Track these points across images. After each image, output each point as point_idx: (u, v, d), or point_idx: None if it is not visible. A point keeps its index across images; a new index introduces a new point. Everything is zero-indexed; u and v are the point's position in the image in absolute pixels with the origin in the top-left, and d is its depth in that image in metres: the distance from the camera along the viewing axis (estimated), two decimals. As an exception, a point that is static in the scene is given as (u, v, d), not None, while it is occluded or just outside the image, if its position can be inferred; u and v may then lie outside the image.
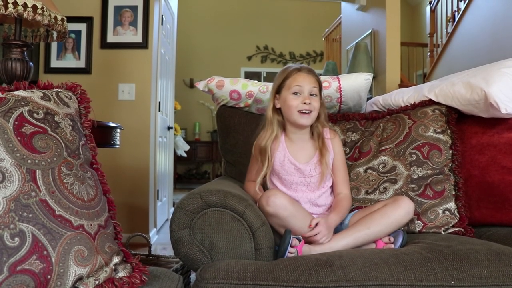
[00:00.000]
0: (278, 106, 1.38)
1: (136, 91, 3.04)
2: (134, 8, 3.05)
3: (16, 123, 0.92)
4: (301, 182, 1.34)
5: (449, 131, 1.46)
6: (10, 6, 1.51)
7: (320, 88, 1.38)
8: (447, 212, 1.35)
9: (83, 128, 1.08)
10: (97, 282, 0.82)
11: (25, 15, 1.54)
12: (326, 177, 1.35)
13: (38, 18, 1.57)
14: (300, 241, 1.14)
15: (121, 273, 0.88)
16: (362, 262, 0.96)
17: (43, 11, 1.59)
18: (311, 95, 1.33)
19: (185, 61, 6.88)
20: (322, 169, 1.33)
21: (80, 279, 0.80)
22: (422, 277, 0.93)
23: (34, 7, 1.56)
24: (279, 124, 1.39)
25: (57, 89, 1.09)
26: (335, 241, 1.16)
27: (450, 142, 1.44)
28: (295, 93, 1.33)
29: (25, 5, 1.54)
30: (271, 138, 1.36)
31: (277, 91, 1.38)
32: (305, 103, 1.30)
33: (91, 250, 0.84)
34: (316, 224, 1.17)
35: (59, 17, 1.68)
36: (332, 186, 1.39)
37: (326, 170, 1.34)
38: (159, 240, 3.21)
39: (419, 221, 1.34)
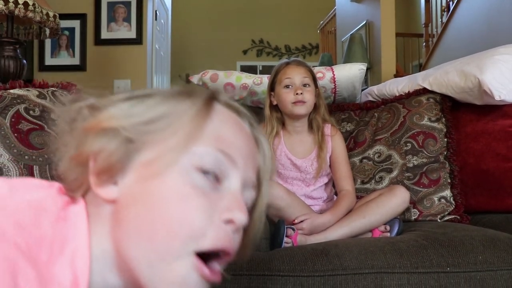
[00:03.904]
0: (274, 103, 1.38)
1: (131, 87, 3.03)
2: (127, 4, 3.04)
3: (12, 120, 0.93)
4: (297, 177, 1.35)
5: (443, 119, 1.46)
6: (1, 3, 1.51)
7: (314, 78, 1.38)
8: (442, 200, 1.36)
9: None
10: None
11: (16, 12, 1.53)
12: (322, 173, 1.35)
13: (30, 15, 1.56)
14: (294, 231, 1.14)
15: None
16: (358, 251, 0.96)
17: (35, 7, 1.58)
18: (304, 86, 1.33)
19: (180, 57, 6.86)
20: (319, 165, 1.33)
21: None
22: (418, 264, 0.93)
23: (25, 4, 1.56)
24: (278, 121, 1.38)
25: (53, 88, 1.10)
26: (330, 231, 1.17)
27: (445, 130, 1.44)
28: (287, 86, 1.33)
29: (16, 2, 1.53)
30: (272, 136, 1.36)
31: (271, 88, 1.38)
32: (297, 93, 1.30)
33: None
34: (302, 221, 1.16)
35: (51, 14, 1.68)
36: (329, 181, 1.39)
37: (323, 166, 1.34)
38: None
39: (415, 210, 1.35)
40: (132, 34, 3.02)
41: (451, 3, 3.96)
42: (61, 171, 0.43)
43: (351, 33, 3.85)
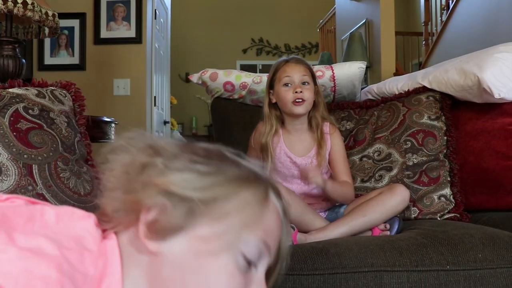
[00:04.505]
0: (274, 101, 1.37)
1: (131, 86, 3.03)
2: (127, 3, 3.04)
3: (11, 119, 0.93)
4: (296, 175, 1.35)
5: (443, 117, 1.46)
6: (0, 2, 1.50)
7: (313, 76, 1.37)
8: (442, 198, 1.36)
9: (78, 125, 1.09)
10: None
11: (15, 11, 1.53)
12: (321, 171, 1.35)
13: (29, 14, 1.56)
14: (294, 229, 1.14)
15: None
16: (358, 249, 0.96)
17: (34, 7, 1.58)
18: (303, 84, 1.33)
19: (180, 56, 6.86)
20: (318, 163, 1.33)
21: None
22: (418, 262, 0.93)
23: (24, 3, 1.55)
24: (277, 119, 1.38)
25: (52, 87, 1.09)
26: (330, 230, 1.16)
27: (444, 128, 1.44)
28: (286, 85, 1.32)
29: (15, 1, 1.53)
30: (271, 134, 1.35)
31: (270, 86, 1.38)
32: (296, 92, 1.29)
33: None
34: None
35: (50, 13, 1.67)
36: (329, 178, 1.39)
37: (323, 163, 1.34)
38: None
39: (414, 208, 1.35)
40: (132, 33, 3.02)
41: (450, 1, 3.96)
42: (104, 204, 0.47)
43: (350, 31, 3.84)
